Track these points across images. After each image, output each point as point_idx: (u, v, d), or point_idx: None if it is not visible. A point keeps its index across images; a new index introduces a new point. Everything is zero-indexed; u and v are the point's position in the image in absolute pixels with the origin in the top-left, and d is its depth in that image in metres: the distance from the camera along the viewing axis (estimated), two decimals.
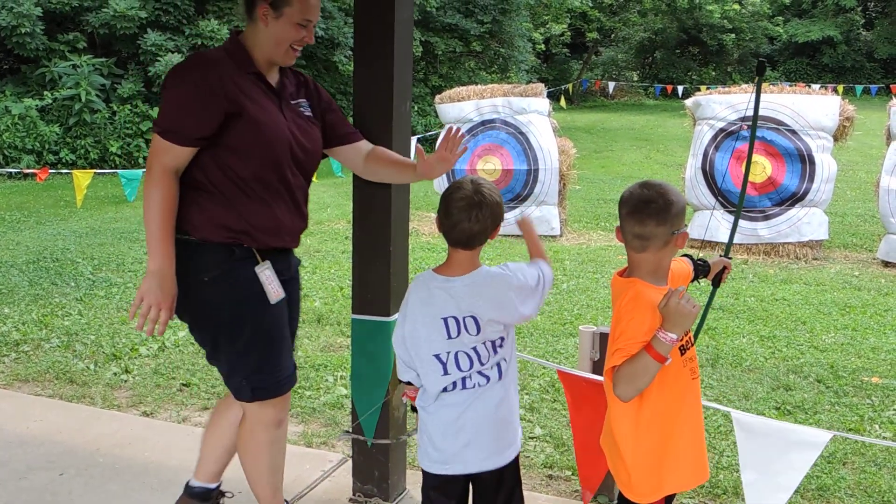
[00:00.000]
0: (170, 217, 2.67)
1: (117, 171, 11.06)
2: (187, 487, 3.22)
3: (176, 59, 15.30)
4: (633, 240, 2.40)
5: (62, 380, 5.06)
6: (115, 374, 5.17)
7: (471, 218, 2.45)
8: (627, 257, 2.46)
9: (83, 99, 14.99)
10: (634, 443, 2.38)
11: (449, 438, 2.56)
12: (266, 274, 2.80)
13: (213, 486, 3.22)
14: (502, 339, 2.54)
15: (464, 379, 2.54)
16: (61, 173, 12.26)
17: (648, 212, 2.36)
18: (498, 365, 2.54)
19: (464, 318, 2.49)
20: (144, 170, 2.73)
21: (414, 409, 2.66)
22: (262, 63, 2.81)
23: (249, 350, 2.81)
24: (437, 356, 2.52)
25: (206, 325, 2.84)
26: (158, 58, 15.43)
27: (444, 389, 2.55)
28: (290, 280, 2.96)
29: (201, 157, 2.72)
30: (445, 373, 2.53)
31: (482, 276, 2.51)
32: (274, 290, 2.81)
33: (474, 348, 2.51)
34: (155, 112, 15.70)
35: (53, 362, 5.32)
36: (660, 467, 2.39)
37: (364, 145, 3.10)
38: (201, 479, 3.20)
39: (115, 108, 15.61)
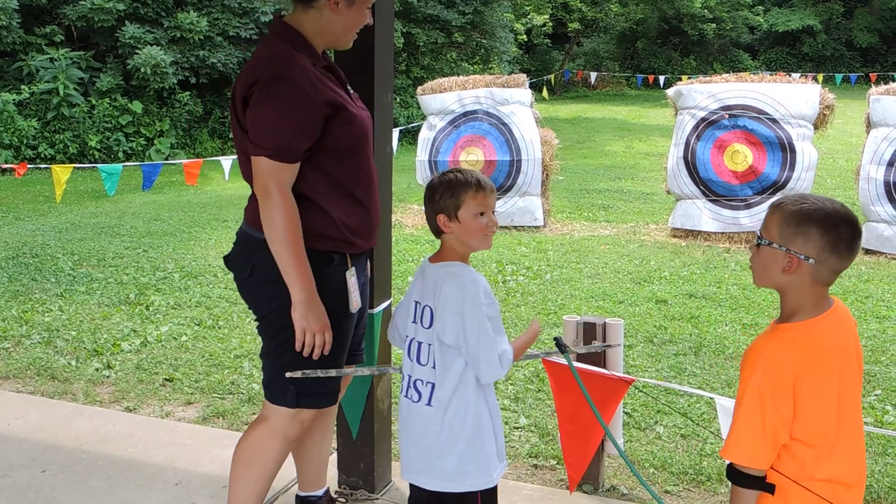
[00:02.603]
0: (300, 238, 2.54)
1: (97, 165, 10.97)
2: (296, 499, 3.23)
3: (155, 51, 15.20)
4: (833, 276, 2.05)
5: (43, 376, 5.02)
6: (97, 369, 5.13)
7: (425, 208, 2.52)
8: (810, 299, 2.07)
9: (61, 93, 14.86)
10: None
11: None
12: (352, 281, 2.72)
13: (320, 492, 3.22)
14: (440, 356, 2.47)
15: (408, 377, 2.56)
16: (40, 168, 12.16)
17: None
18: (432, 385, 2.49)
19: (424, 307, 2.52)
20: (262, 193, 2.54)
21: None
22: (318, 50, 2.68)
23: (309, 359, 2.66)
24: (406, 336, 2.59)
25: (282, 325, 2.65)
26: (137, 50, 15.30)
27: (406, 384, 2.58)
28: (364, 283, 2.87)
29: (301, 166, 2.59)
30: (408, 356, 2.57)
31: (448, 268, 2.49)
32: (356, 298, 2.74)
33: (421, 344, 2.52)
34: (135, 105, 15.61)
35: (34, 359, 5.27)
36: None
37: None
38: (305, 488, 3.20)
39: (94, 101, 15.48)
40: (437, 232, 2.50)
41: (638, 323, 6.06)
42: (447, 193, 2.45)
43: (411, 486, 2.61)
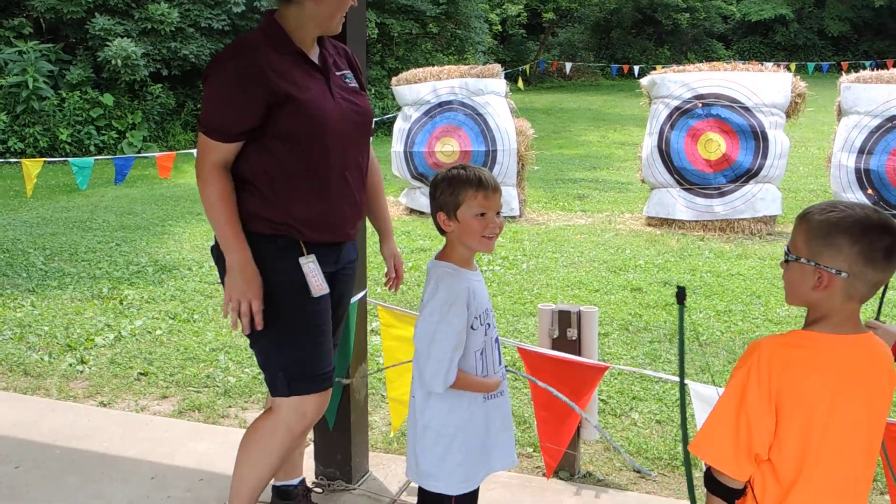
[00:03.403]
0: (232, 209, 2.61)
1: (68, 159, 10.84)
2: (272, 489, 3.19)
3: (126, 43, 15.04)
4: (870, 291, 1.84)
5: (16, 372, 4.97)
6: (70, 364, 5.08)
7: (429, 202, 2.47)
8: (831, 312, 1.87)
9: (30, 86, 14.67)
10: None
11: None
12: (309, 266, 2.67)
13: (296, 481, 3.19)
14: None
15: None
16: (10, 163, 11.99)
17: None
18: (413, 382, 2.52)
19: (421, 302, 2.51)
20: (196, 168, 2.65)
21: None
22: (306, 41, 2.68)
23: (287, 341, 2.69)
24: None
25: (264, 315, 2.68)
26: (107, 43, 15.14)
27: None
28: (336, 273, 2.83)
29: (246, 148, 2.62)
30: None
31: (442, 268, 2.45)
32: (317, 283, 2.68)
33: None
34: (106, 98, 15.45)
35: (6, 355, 5.22)
36: None
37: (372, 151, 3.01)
38: (281, 478, 3.17)
39: (64, 94, 15.31)
40: (440, 230, 2.44)
41: (613, 311, 6.09)
42: (448, 190, 2.39)
43: None
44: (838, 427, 1.82)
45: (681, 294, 2.20)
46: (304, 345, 2.71)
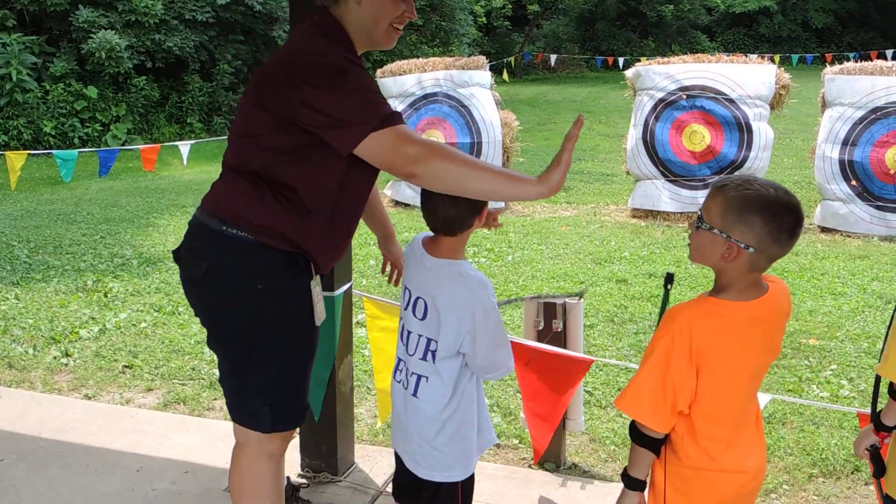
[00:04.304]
0: (480, 162, 2.25)
1: (52, 151, 10.78)
2: None
3: (109, 35, 14.94)
4: (769, 263, 2.02)
5: (0, 365, 4.95)
6: (55, 357, 5.06)
7: (447, 203, 2.30)
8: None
9: (14, 78, 14.56)
10: None
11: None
12: (317, 291, 2.46)
13: None
14: (434, 353, 2.39)
15: (399, 361, 2.53)
16: None
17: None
18: (417, 377, 2.43)
19: (417, 298, 2.43)
20: (414, 165, 2.16)
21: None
22: (359, 51, 2.39)
23: (285, 372, 2.45)
24: (400, 318, 2.53)
25: (241, 336, 2.41)
26: (91, 35, 15.05)
27: (397, 366, 2.55)
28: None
29: (308, 151, 2.28)
30: (400, 340, 2.53)
31: (454, 267, 2.37)
32: (319, 310, 2.48)
33: (411, 334, 2.45)
34: (90, 90, 15.35)
35: None
36: None
37: None
38: None
39: (48, 87, 15.21)
40: (449, 224, 2.36)
41: (599, 302, 6.11)
42: None
43: (397, 457, 2.59)
44: (747, 379, 2.05)
45: (669, 279, 2.27)
46: (296, 377, 2.50)
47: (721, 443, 2.04)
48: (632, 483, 2.09)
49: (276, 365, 2.43)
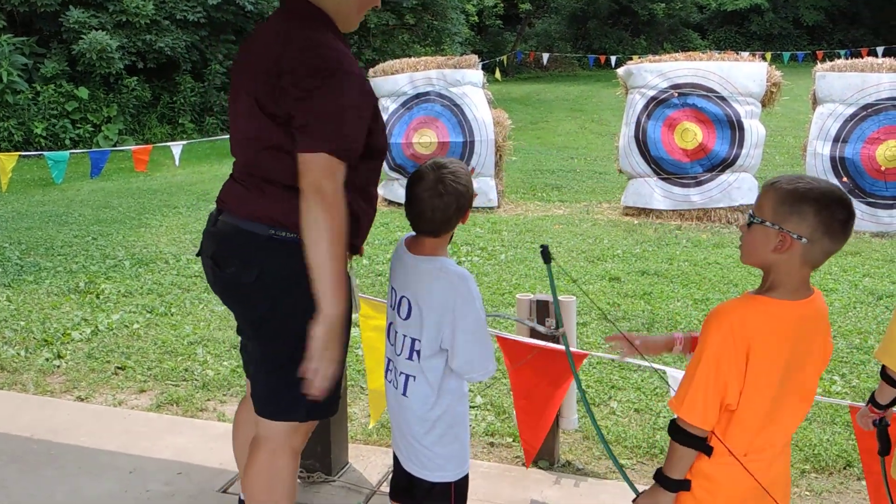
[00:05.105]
0: (344, 247, 2.27)
1: (43, 153, 10.75)
2: (240, 503, 3.01)
3: (100, 36, 14.90)
4: (822, 258, 2.02)
5: None
6: (47, 359, 5.05)
7: (434, 206, 2.33)
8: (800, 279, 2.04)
9: (4, 79, 14.52)
10: None
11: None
12: (355, 282, 2.50)
13: None
14: (419, 353, 2.41)
15: (388, 361, 2.54)
16: None
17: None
18: (406, 377, 2.44)
19: (401, 297, 2.45)
20: (315, 193, 2.22)
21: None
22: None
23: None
24: (388, 317, 2.54)
25: (291, 335, 2.39)
26: (82, 35, 15.01)
27: (387, 366, 2.56)
28: None
29: None
30: (388, 340, 2.53)
31: (435, 264, 2.39)
32: (357, 301, 2.53)
33: (397, 333, 2.47)
34: (81, 91, 15.30)
35: None
36: None
37: None
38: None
39: (39, 88, 15.16)
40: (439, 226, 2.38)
41: (592, 300, 6.12)
42: None
43: (394, 457, 2.60)
44: (794, 382, 2.04)
45: (545, 253, 2.36)
46: (341, 364, 2.47)
47: (750, 438, 2.05)
48: (671, 484, 2.07)
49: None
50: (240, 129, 2.46)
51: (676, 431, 2.06)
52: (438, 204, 2.32)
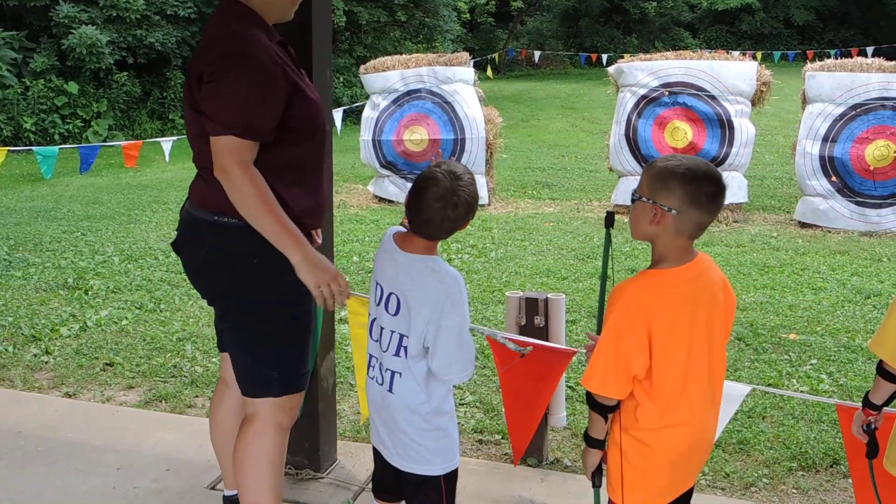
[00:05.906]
0: (276, 206, 2.43)
1: (32, 148, 10.71)
2: (224, 500, 3.06)
3: (90, 31, 14.84)
4: (696, 229, 2.21)
5: None
6: (35, 355, 5.03)
7: (444, 216, 2.35)
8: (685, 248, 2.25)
9: None
10: None
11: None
12: None
13: None
14: (406, 349, 2.41)
15: (372, 358, 2.54)
16: None
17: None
18: (392, 374, 2.44)
19: (390, 294, 2.44)
20: (222, 173, 2.40)
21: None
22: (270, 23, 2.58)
23: (291, 338, 2.62)
24: (370, 314, 2.54)
25: (250, 308, 2.57)
26: (72, 30, 14.93)
27: (370, 363, 2.55)
28: None
29: None
30: (371, 337, 2.52)
31: (427, 262, 2.40)
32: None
33: (384, 330, 2.46)
34: (71, 86, 15.23)
35: None
36: None
37: None
38: (232, 487, 3.00)
39: (28, 82, 15.08)
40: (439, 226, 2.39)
41: (581, 298, 6.13)
42: None
43: (376, 454, 2.60)
44: (704, 339, 2.21)
45: (609, 218, 2.43)
46: (305, 342, 2.66)
47: (670, 402, 2.20)
48: (592, 442, 2.31)
49: (282, 331, 2.60)
50: (187, 124, 2.63)
51: (589, 398, 2.27)
52: (450, 215, 2.36)
